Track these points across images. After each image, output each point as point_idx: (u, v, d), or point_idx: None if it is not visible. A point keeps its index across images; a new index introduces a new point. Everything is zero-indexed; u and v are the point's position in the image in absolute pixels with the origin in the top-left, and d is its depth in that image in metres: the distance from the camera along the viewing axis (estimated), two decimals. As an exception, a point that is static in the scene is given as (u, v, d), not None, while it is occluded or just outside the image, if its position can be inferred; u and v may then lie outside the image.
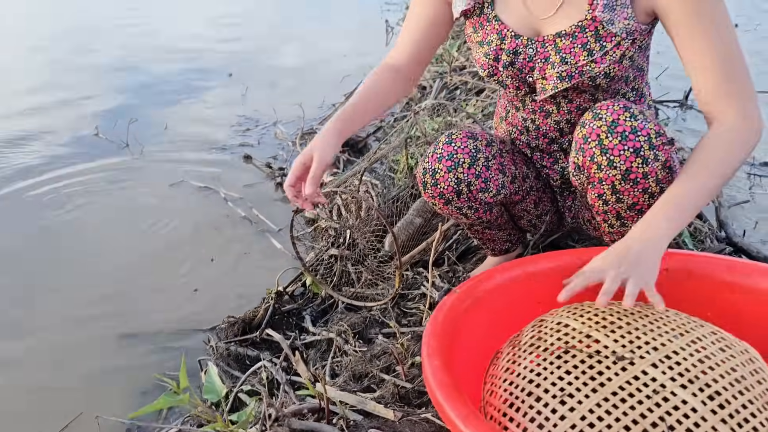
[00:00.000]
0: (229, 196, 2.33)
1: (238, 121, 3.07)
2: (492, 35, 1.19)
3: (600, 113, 1.06)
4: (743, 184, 2.26)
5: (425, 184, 1.26)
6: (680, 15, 1.04)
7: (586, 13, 1.09)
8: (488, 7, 1.20)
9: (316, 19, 5.29)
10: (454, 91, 3.02)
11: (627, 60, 1.13)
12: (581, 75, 1.13)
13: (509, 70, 1.19)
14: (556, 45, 1.13)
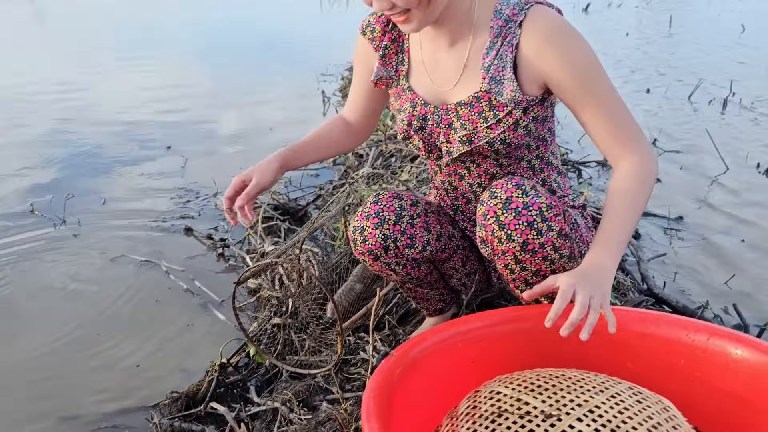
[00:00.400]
0: (171, 268, 2.33)
1: (178, 193, 3.08)
2: (407, 103, 1.35)
3: (495, 192, 1.19)
4: (661, 239, 2.43)
5: (355, 242, 1.35)
6: (569, 85, 1.19)
7: (481, 85, 1.22)
8: (404, 78, 1.36)
9: (253, 90, 5.40)
10: (390, 159, 3.14)
11: (522, 129, 1.26)
12: (479, 140, 1.26)
13: (420, 135, 1.34)
14: (457, 113, 1.27)
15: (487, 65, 1.22)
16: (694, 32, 7.25)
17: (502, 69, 1.21)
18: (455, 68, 1.27)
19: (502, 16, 1.20)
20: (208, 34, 9.55)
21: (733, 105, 4.15)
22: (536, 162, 1.34)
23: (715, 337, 1.11)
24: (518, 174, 1.34)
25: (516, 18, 1.19)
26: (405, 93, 1.36)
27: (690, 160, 3.23)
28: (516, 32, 1.19)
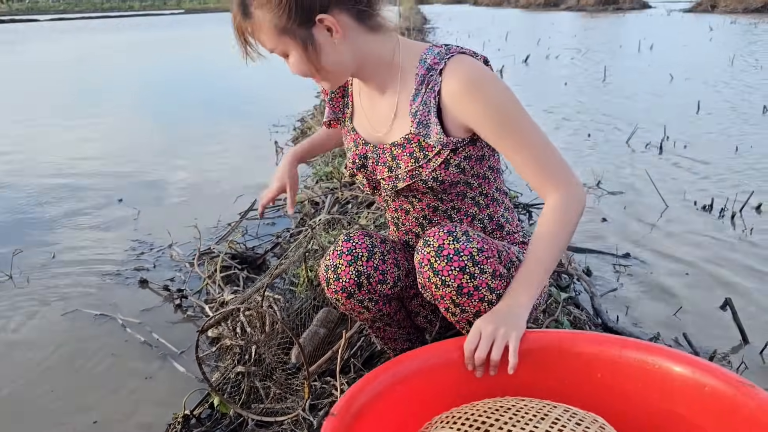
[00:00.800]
0: (127, 321, 2.27)
1: (132, 245, 3.03)
2: (351, 143, 1.44)
3: (428, 240, 1.24)
4: (611, 275, 2.52)
5: (328, 281, 1.36)
6: (489, 129, 1.25)
7: (411, 128, 1.29)
8: (348, 120, 1.46)
9: (205, 143, 5.40)
10: (346, 205, 3.18)
11: (454, 167, 1.32)
12: (411, 178, 1.33)
13: (362, 172, 1.40)
14: (392, 152, 1.34)
15: (414, 111, 1.29)
16: (627, 81, 7.68)
17: (427, 114, 1.28)
18: (388, 114, 1.36)
19: (425, 64, 1.28)
20: (157, 89, 9.54)
21: (668, 148, 4.40)
22: (480, 198, 1.40)
23: (626, 349, 1.15)
24: (462, 209, 1.40)
25: (437, 66, 1.27)
26: (350, 133, 1.45)
27: (632, 200, 3.39)
28: (437, 80, 1.26)
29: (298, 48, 1.23)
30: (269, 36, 1.23)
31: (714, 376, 1.04)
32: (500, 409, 1.03)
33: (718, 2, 23.87)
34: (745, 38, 13.16)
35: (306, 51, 1.23)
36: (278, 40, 1.23)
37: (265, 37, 1.24)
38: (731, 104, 5.90)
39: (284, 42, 1.23)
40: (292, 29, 1.21)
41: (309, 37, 1.22)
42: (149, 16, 49.13)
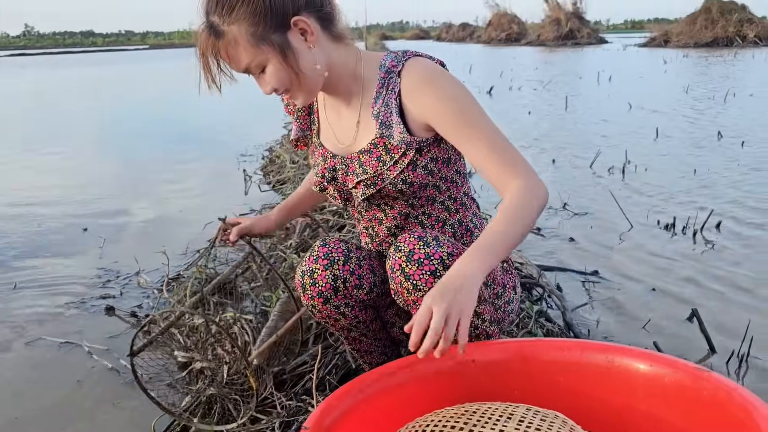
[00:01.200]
0: (93, 348, 2.21)
1: (97, 274, 2.96)
2: (319, 158, 1.46)
3: (399, 246, 1.26)
4: (581, 291, 2.56)
5: (304, 286, 1.36)
6: (446, 122, 1.28)
7: (376, 132, 1.31)
8: (315, 136, 1.48)
9: (172, 173, 5.35)
10: (317, 230, 3.17)
11: (421, 169, 1.34)
12: (382, 181, 1.34)
13: (332, 185, 1.42)
14: (359, 160, 1.36)
15: (377, 113, 1.32)
16: (588, 110, 7.91)
17: (389, 115, 1.31)
18: (353, 123, 1.38)
19: (384, 69, 1.33)
20: (123, 122, 9.46)
21: (630, 171, 4.52)
22: (450, 203, 1.42)
23: (587, 352, 1.17)
24: (433, 215, 1.42)
25: (395, 69, 1.31)
26: (317, 149, 1.47)
27: (598, 220, 3.46)
28: (396, 81, 1.30)
29: (276, 55, 1.23)
30: (246, 49, 1.23)
31: (672, 367, 1.07)
32: (465, 414, 1.03)
33: (671, 37, 24.88)
34: (697, 70, 13.71)
35: (285, 57, 1.24)
36: (255, 51, 1.23)
37: (241, 52, 1.23)
38: (688, 130, 6.12)
39: (262, 52, 1.23)
40: (268, 36, 1.22)
41: (285, 42, 1.24)
42: (113, 51, 48.87)
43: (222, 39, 1.23)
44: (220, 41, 1.23)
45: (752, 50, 20.27)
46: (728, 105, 7.74)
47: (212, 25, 1.23)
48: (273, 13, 1.21)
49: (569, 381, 1.16)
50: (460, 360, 1.18)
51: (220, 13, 1.22)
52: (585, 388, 1.15)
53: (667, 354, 1.93)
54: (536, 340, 1.28)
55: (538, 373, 1.19)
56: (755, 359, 1.98)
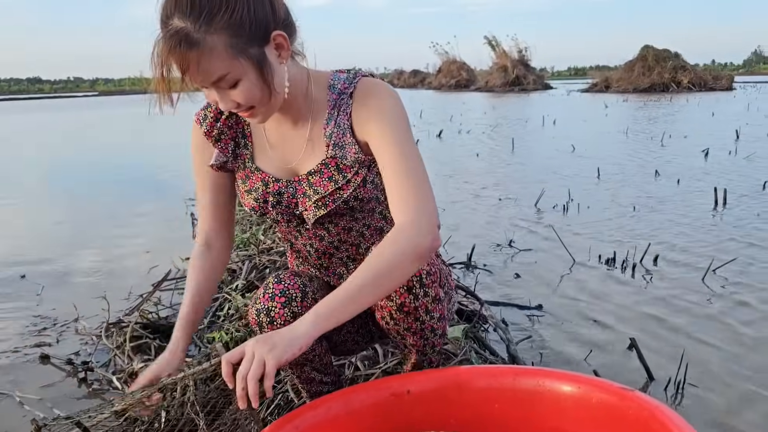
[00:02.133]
0: (26, 398, 2.11)
1: (33, 322, 2.85)
2: (257, 183, 1.41)
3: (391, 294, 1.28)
4: (526, 324, 2.59)
5: (261, 325, 1.34)
6: (374, 134, 1.28)
7: (326, 153, 1.33)
8: (249, 161, 1.42)
9: (116, 219, 5.25)
10: (264, 271, 3.14)
11: (370, 184, 1.36)
12: (334, 201, 1.35)
13: (278, 209, 1.40)
14: (309, 181, 1.36)
15: (329, 134, 1.32)
16: (534, 152, 8.16)
17: (342, 135, 1.31)
18: (300, 143, 1.36)
19: (335, 90, 1.33)
20: (65, 169, 9.26)
21: (573, 209, 4.65)
22: (387, 212, 1.41)
23: (519, 377, 1.20)
24: (372, 225, 1.43)
25: (347, 90, 1.32)
26: (253, 174, 1.41)
27: (542, 256, 3.53)
28: (348, 102, 1.31)
29: (252, 69, 1.17)
30: (222, 60, 1.14)
31: (599, 388, 1.10)
32: None
33: (611, 83, 26.01)
34: (637, 114, 14.34)
35: (262, 73, 1.18)
36: (232, 63, 1.15)
37: (215, 64, 1.14)
38: (628, 170, 6.36)
39: (238, 65, 1.15)
40: (247, 49, 1.16)
41: (263, 56, 1.18)
42: (61, 98, 48.07)
43: (194, 48, 1.12)
44: (192, 50, 1.11)
45: (686, 95, 21.36)
46: (665, 146, 8.10)
47: (183, 32, 1.11)
48: (256, 25, 1.15)
49: (503, 407, 1.18)
50: (394, 391, 1.18)
51: (196, 19, 1.11)
52: (518, 413, 1.16)
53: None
54: (470, 368, 1.30)
55: (474, 401, 1.20)
56: (691, 386, 2.03)
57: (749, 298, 2.77)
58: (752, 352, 2.28)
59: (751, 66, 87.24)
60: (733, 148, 7.64)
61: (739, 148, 7.56)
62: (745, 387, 2.03)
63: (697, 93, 22.76)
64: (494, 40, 30.60)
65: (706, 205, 4.60)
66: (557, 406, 1.12)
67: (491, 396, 1.17)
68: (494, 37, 30.58)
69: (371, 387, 1.18)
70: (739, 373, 2.12)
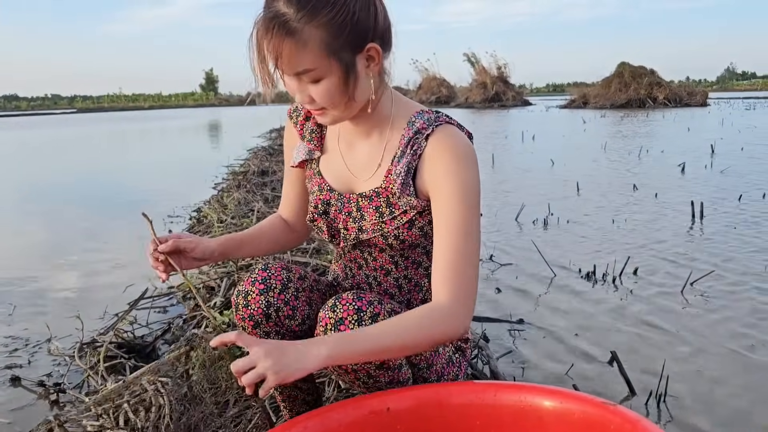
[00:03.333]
0: (-7, 422, 2.05)
1: (4, 342, 2.77)
2: (315, 187, 1.42)
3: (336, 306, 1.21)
4: (507, 339, 2.58)
5: (237, 306, 1.32)
6: (441, 198, 1.24)
7: (382, 182, 1.31)
8: (315, 163, 1.43)
9: (93, 238, 5.16)
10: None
11: (417, 229, 1.32)
12: (373, 231, 1.32)
13: (323, 218, 1.39)
14: (357, 203, 1.34)
15: (398, 172, 1.28)
16: (514, 167, 8.21)
17: (405, 175, 1.27)
18: (369, 161, 1.35)
19: (414, 127, 1.28)
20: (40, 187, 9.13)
21: (553, 223, 4.67)
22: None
23: (501, 392, 1.17)
24: (414, 279, 1.40)
25: (424, 131, 1.27)
26: (315, 177, 1.43)
27: (523, 270, 3.53)
28: (422, 144, 1.26)
29: (338, 73, 1.17)
30: (313, 55, 1.13)
31: (580, 402, 1.08)
32: None
33: (589, 99, 26.37)
34: (614, 129, 14.54)
35: (347, 79, 1.18)
36: (322, 61, 1.14)
37: (305, 57, 1.13)
38: (606, 183, 6.42)
39: (326, 64, 1.15)
40: (339, 52, 1.15)
41: (352, 63, 1.18)
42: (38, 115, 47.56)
43: (289, 36, 1.12)
44: (287, 37, 1.12)
45: (662, 111, 21.73)
46: (642, 160, 8.20)
47: (284, 18, 1.11)
48: (355, 31, 1.15)
49: (484, 423, 1.16)
50: (373, 409, 1.15)
51: (300, 9, 1.11)
52: (500, 429, 1.14)
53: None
54: (450, 385, 1.27)
55: (455, 418, 1.17)
56: (672, 398, 2.03)
57: (727, 311, 2.79)
58: (732, 364, 2.28)
59: (724, 82, 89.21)
60: (709, 162, 7.76)
61: (714, 163, 7.68)
62: (726, 399, 2.03)
63: (673, 109, 23.17)
64: (474, 57, 30.98)
65: (683, 218, 4.65)
66: (539, 422, 1.11)
67: (472, 412, 1.15)
68: (474, 54, 30.97)
69: (349, 405, 1.16)
70: (720, 386, 2.12)
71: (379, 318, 1.19)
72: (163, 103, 71.99)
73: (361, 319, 1.17)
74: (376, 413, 1.15)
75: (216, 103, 66.94)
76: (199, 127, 23.08)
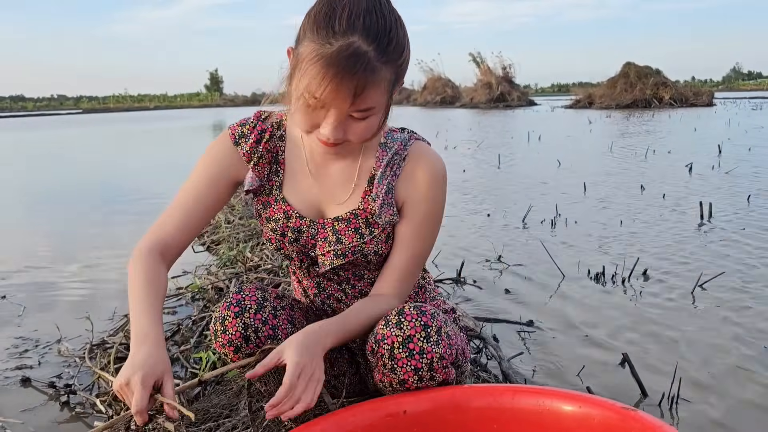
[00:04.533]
0: (7, 423, 2.04)
1: (14, 344, 2.78)
2: (279, 213, 1.38)
3: (402, 323, 1.21)
4: (517, 341, 2.57)
5: (216, 333, 1.31)
6: (413, 217, 1.34)
7: (360, 203, 1.31)
8: (276, 189, 1.38)
9: (105, 236, 5.18)
10: (252, 289, 3.10)
11: (391, 240, 1.36)
12: (354, 253, 1.34)
13: (294, 246, 1.37)
14: (333, 227, 1.33)
15: (376, 194, 1.32)
16: (520, 168, 8.19)
17: (385, 194, 1.31)
18: (344, 183, 1.36)
19: (390, 149, 1.32)
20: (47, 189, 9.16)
21: (560, 224, 4.66)
22: None
23: (518, 396, 1.18)
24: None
25: (402, 152, 1.33)
26: (277, 203, 1.38)
27: (532, 272, 3.52)
28: (400, 164, 1.33)
29: (385, 110, 1.20)
30: (380, 95, 1.14)
31: (600, 407, 1.07)
32: None
33: (594, 99, 26.31)
34: (620, 129, 14.49)
35: (387, 114, 1.22)
36: (382, 99, 1.16)
37: (375, 95, 1.13)
38: (613, 185, 6.40)
39: (383, 103, 1.17)
40: (394, 90, 1.19)
41: (390, 100, 1.21)
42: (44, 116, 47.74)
43: (372, 75, 1.10)
44: (370, 77, 1.10)
45: (668, 111, 21.66)
46: (649, 161, 8.18)
47: (366, 57, 1.08)
48: (405, 69, 1.19)
49: (502, 427, 1.15)
50: (390, 412, 1.15)
51: (382, 48, 1.10)
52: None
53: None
54: (468, 387, 1.26)
55: (472, 421, 1.17)
56: (684, 400, 2.02)
57: (737, 312, 2.78)
58: (744, 364, 2.27)
59: (730, 82, 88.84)
60: (716, 162, 7.72)
61: (722, 163, 7.65)
62: (739, 400, 2.02)
63: (679, 109, 23.08)
64: (479, 57, 30.93)
65: (692, 219, 4.63)
66: (557, 426, 1.10)
67: (490, 416, 1.15)
68: (479, 54, 30.93)
69: (366, 408, 1.15)
70: (732, 386, 2.11)
71: (441, 332, 1.23)
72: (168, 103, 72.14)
73: (429, 335, 1.20)
74: (392, 416, 1.15)
75: (221, 104, 67.02)
76: (204, 128, 23.12)
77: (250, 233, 4.20)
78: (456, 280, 3.33)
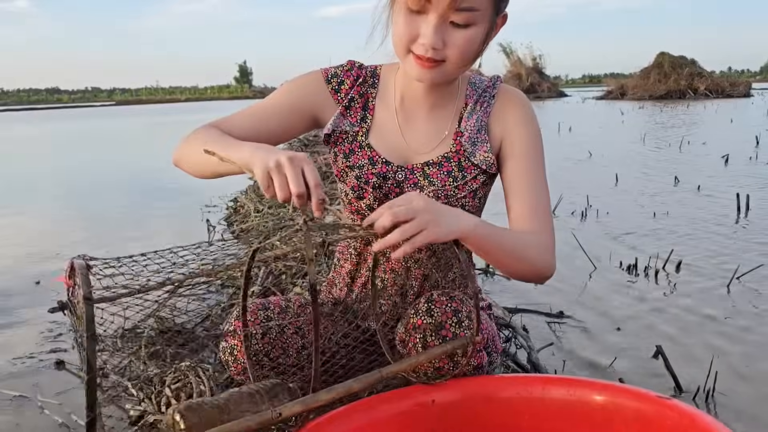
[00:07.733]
0: (45, 403, 2.09)
1: (48, 327, 2.84)
2: (363, 160, 1.35)
3: (432, 310, 1.16)
4: (547, 332, 2.54)
5: (227, 363, 1.30)
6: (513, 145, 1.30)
7: (452, 146, 1.29)
8: (363, 136, 1.36)
9: (137, 223, 5.26)
10: (280, 277, 3.12)
11: (477, 199, 1.34)
12: (447, 197, 1.28)
13: (377, 192, 1.32)
14: (424, 172, 1.31)
15: (467, 128, 1.31)
16: (550, 159, 8.01)
17: (477, 132, 1.30)
18: (435, 132, 1.34)
19: (479, 88, 1.33)
20: (83, 176, 9.33)
21: (591, 215, 4.59)
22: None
23: (549, 386, 1.15)
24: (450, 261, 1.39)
25: (490, 90, 1.33)
26: (362, 150, 1.35)
27: (563, 262, 3.46)
28: (490, 102, 1.32)
29: (486, 27, 1.19)
30: None
31: (633, 396, 1.05)
32: None
33: (627, 90, 25.82)
34: (653, 120, 14.21)
35: (488, 35, 1.21)
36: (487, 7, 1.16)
37: None
38: (646, 176, 6.28)
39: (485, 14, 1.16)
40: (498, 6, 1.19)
41: (494, 23, 1.21)
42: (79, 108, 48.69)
43: None
44: None
45: (703, 102, 21.16)
46: (683, 152, 8.00)
47: None
48: None
49: (533, 417, 1.13)
50: (419, 401, 1.13)
51: None
52: (548, 423, 1.11)
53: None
54: (498, 377, 1.24)
55: (502, 412, 1.15)
56: (720, 394, 1.97)
57: (777, 306, 2.70)
58: (783, 361, 2.20)
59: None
60: (754, 154, 7.52)
61: (759, 154, 7.44)
62: (777, 397, 1.96)
63: (714, 100, 22.53)
64: (508, 48, 30.56)
65: (728, 211, 4.51)
66: (589, 417, 1.08)
67: (520, 406, 1.13)
68: (509, 45, 30.55)
69: (394, 396, 1.14)
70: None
71: (472, 315, 1.17)
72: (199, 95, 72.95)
73: (460, 320, 1.15)
74: (421, 405, 1.14)
75: (250, 96, 67.53)
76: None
77: (279, 222, 4.22)
78: (485, 270, 3.30)
